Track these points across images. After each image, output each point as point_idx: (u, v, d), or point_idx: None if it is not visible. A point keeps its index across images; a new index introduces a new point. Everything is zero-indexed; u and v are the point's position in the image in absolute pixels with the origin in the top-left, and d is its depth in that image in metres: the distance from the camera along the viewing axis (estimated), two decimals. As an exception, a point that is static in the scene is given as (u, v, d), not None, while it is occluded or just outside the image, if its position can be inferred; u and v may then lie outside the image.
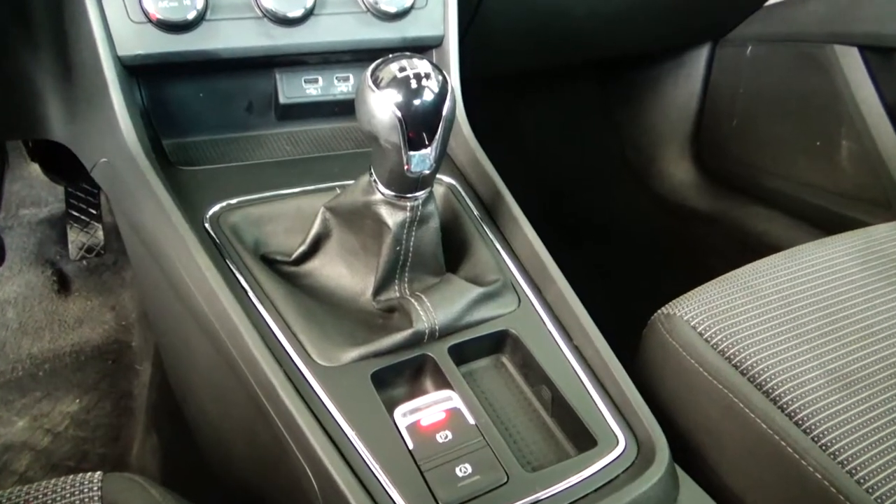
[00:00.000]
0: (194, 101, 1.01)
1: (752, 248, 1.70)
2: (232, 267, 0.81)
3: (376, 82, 0.69)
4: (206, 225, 0.85)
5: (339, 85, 1.07)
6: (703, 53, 1.82)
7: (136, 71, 0.92)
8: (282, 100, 1.04)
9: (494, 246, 0.91)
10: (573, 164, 2.17)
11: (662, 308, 0.98)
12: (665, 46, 1.86)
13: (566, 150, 2.18)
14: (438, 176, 0.97)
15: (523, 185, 1.14)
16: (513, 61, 1.59)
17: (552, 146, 2.19)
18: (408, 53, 0.72)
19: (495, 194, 0.97)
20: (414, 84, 0.69)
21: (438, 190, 0.95)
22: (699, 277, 1.05)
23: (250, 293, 0.79)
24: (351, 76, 1.07)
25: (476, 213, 0.95)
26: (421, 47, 1.05)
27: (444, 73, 0.72)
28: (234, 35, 0.93)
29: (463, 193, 0.97)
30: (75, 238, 1.78)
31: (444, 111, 0.71)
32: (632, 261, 1.91)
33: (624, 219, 2.04)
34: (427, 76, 0.70)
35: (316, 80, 1.05)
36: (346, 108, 1.09)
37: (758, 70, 1.69)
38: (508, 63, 1.60)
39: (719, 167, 1.86)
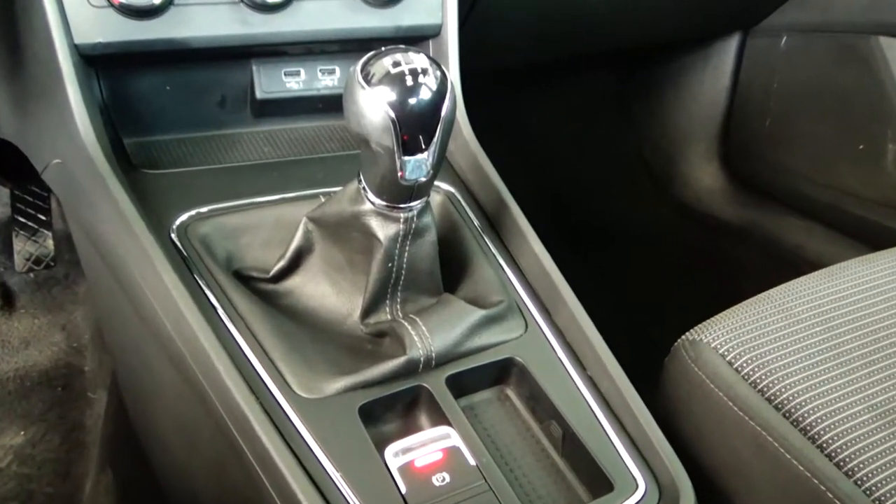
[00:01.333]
0: (160, 95, 1.01)
1: (788, 265, 1.70)
2: (201, 284, 0.81)
3: (367, 78, 0.70)
4: (173, 236, 0.85)
5: (324, 78, 1.07)
6: (732, 44, 1.83)
7: (95, 61, 0.92)
8: (259, 94, 1.04)
9: (498, 262, 0.92)
10: (585, 168, 2.17)
11: (686, 333, 0.98)
12: (689, 36, 1.87)
13: (577, 151, 2.18)
14: (436, 183, 0.97)
15: (529, 192, 1.14)
16: (518, 53, 1.60)
17: (561, 148, 2.20)
18: (402, 46, 0.72)
19: (499, 203, 0.97)
20: (409, 81, 0.69)
21: (435, 198, 0.95)
22: (727, 298, 1.06)
23: (222, 314, 0.79)
24: (337, 69, 1.08)
25: (477, 224, 0.96)
26: (416, 37, 1.06)
27: (443, 68, 0.73)
28: (206, 21, 0.94)
29: (463, 202, 0.97)
30: (22, 247, 1.78)
31: (443, 111, 0.71)
32: (651, 278, 1.92)
33: (642, 230, 2.05)
34: (424, 72, 0.70)
35: (297, 73, 1.06)
36: (331, 105, 1.09)
37: (793, 63, 1.70)
38: (513, 55, 1.60)
39: (750, 172, 1.87)
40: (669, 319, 1.11)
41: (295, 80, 1.06)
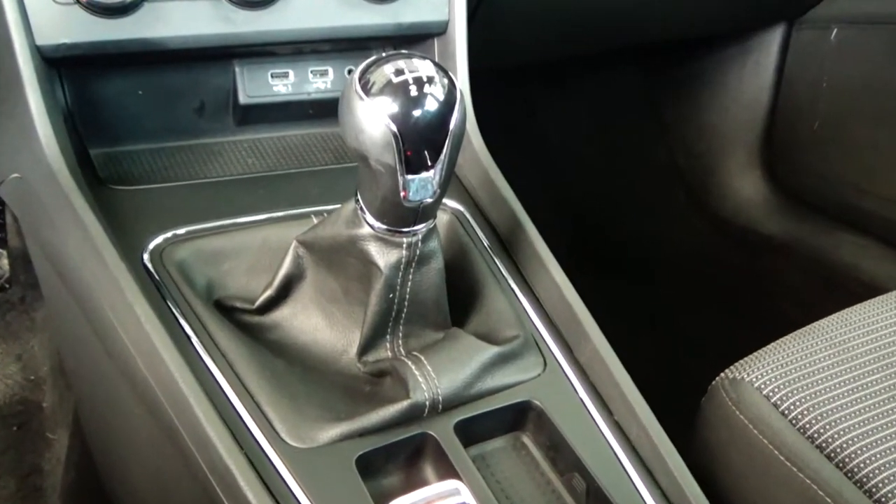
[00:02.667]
0: (131, 101, 1.02)
1: (839, 288, 1.70)
2: (178, 315, 0.82)
3: (366, 88, 0.70)
4: (146, 261, 0.86)
5: (316, 80, 1.08)
6: (775, 37, 1.83)
7: (59, 64, 0.94)
8: (242, 99, 1.05)
9: (512, 291, 0.92)
10: (609, 179, 2.18)
11: (726, 370, 0.98)
12: (727, 28, 1.87)
13: (600, 160, 2.19)
14: (442, 201, 0.98)
15: (547, 208, 1.15)
16: (532, 49, 1.60)
17: (582, 156, 2.20)
18: (405, 52, 0.73)
19: (513, 223, 0.97)
20: (414, 91, 0.70)
21: (442, 218, 0.96)
22: (772, 327, 1.06)
23: (201, 350, 0.80)
24: (330, 69, 1.09)
25: (489, 247, 0.96)
26: (420, 36, 1.07)
27: (451, 75, 0.73)
28: (183, 19, 0.95)
29: (472, 222, 0.98)
30: (-28, 268, 1.79)
31: (452, 124, 0.72)
32: (685, 305, 1.92)
33: (674, 249, 2.05)
34: (430, 80, 0.71)
35: (286, 75, 1.07)
36: (323, 110, 1.10)
37: (845, 59, 1.70)
38: (527, 51, 1.61)
39: (796, 182, 1.87)
40: (706, 353, 1.11)
41: (283, 83, 1.07)
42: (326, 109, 1.09)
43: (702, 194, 2.00)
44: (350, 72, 1.09)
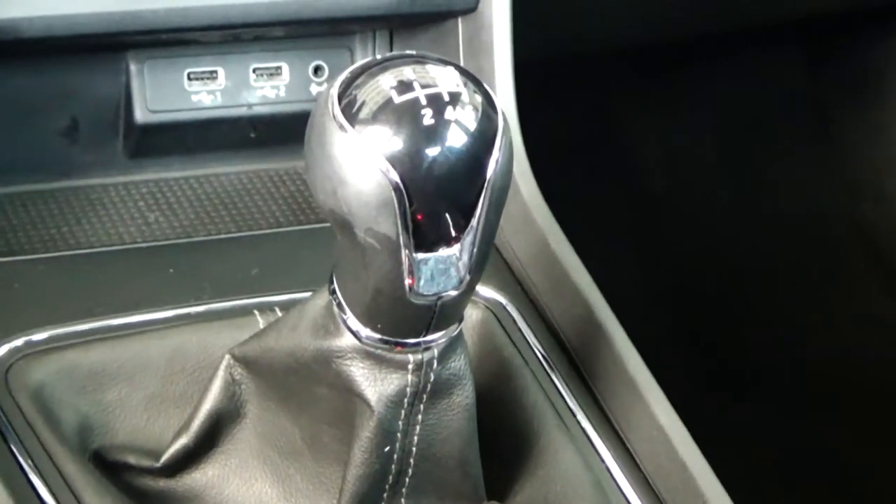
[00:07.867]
0: None
1: None
2: (33, 477, 0.83)
3: (350, 111, 0.71)
4: None
5: (261, 84, 1.10)
6: None
7: None
8: (140, 115, 1.08)
9: (587, 439, 0.93)
10: (748, 238, 2.17)
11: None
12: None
13: (732, 206, 2.18)
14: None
15: (644, 291, 1.15)
16: (616, 27, 1.61)
17: (699, 201, 2.19)
18: (412, 53, 0.75)
19: (587, 323, 0.98)
20: (428, 116, 0.71)
21: (472, 318, 0.97)
22: None
23: None
24: (284, 67, 1.11)
25: (548, 364, 0.97)
26: (434, 15, 1.09)
27: (489, 90, 0.74)
28: None
29: (521, 324, 0.99)
30: None
31: (490, 170, 0.72)
32: (880, 452, 1.90)
33: (858, 353, 2.04)
34: (455, 99, 0.72)
35: (212, 76, 1.09)
36: (273, 132, 1.13)
37: None
38: (608, 31, 1.62)
39: None
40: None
41: (207, 89, 1.09)
42: (278, 131, 1.11)
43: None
44: (318, 71, 1.12)
